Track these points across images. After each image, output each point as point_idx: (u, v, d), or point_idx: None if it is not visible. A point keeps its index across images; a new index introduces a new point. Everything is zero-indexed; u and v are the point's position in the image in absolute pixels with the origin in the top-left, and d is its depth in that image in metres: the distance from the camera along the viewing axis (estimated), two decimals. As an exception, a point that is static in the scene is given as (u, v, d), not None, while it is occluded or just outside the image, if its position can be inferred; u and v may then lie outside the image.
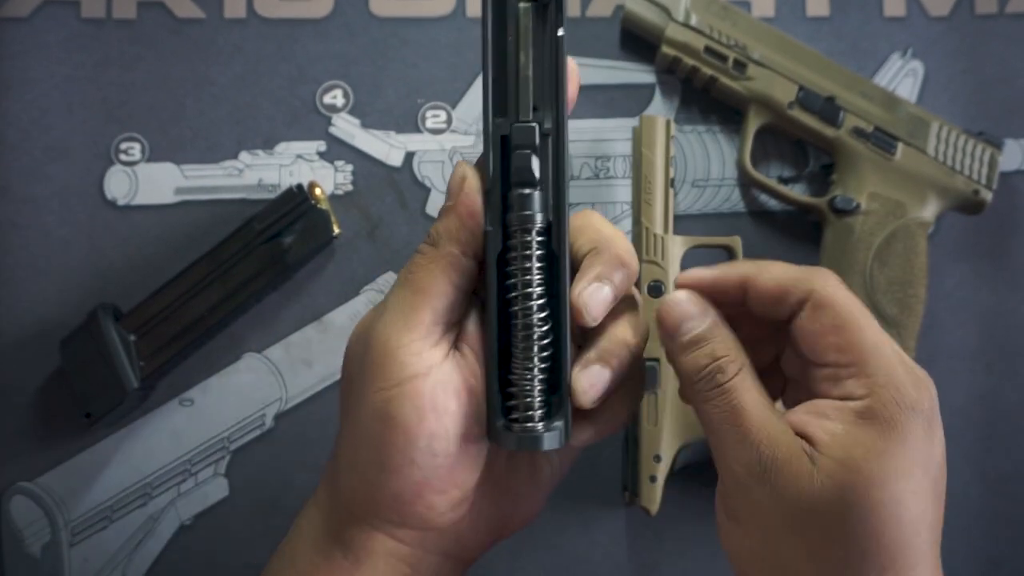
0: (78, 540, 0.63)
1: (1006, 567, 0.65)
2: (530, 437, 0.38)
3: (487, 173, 0.38)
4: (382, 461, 0.38)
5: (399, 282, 0.39)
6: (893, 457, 0.36)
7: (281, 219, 0.62)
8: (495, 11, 0.38)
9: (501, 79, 0.38)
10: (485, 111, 0.38)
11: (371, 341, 0.39)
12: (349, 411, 0.41)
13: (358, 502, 0.40)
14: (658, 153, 0.63)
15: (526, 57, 0.38)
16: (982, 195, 0.64)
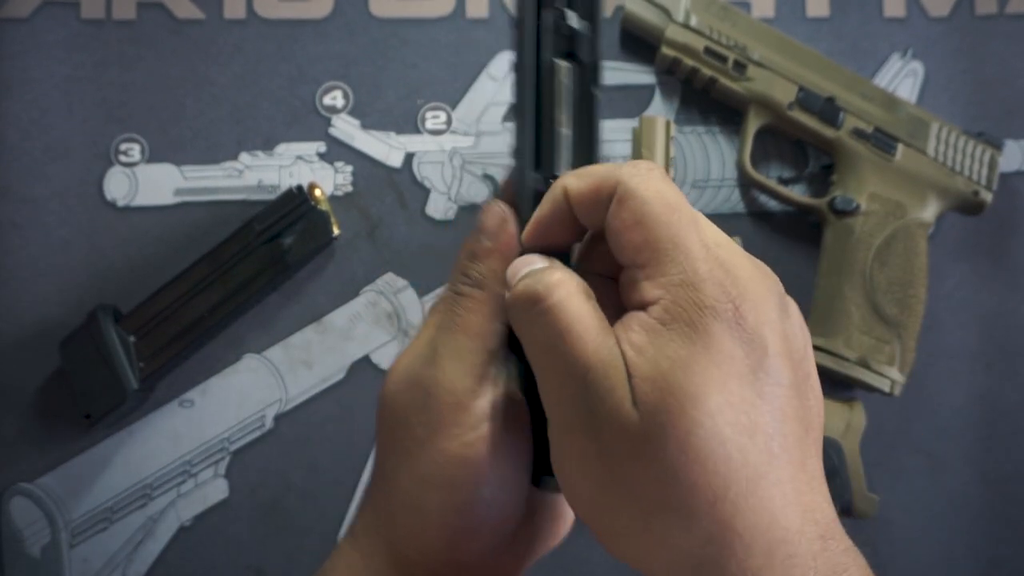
0: (78, 541, 0.63)
1: (1006, 567, 0.65)
2: None
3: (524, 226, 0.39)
4: (454, 503, 0.38)
5: (447, 326, 0.38)
6: (700, 366, 0.31)
7: (281, 220, 0.62)
8: (531, 67, 0.39)
9: (536, 134, 0.39)
10: (520, 166, 0.39)
11: (432, 389, 0.38)
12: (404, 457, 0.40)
13: (418, 545, 0.40)
14: (658, 154, 0.63)
15: (564, 114, 0.39)
16: (982, 196, 0.64)
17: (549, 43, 0.39)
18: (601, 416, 0.32)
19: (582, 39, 0.39)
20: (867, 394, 0.64)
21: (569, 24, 0.39)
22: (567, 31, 0.39)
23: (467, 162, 0.66)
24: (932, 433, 0.66)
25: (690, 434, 0.30)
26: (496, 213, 0.38)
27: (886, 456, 0.66)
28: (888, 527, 0.65)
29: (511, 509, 0.40)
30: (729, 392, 0.31)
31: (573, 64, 0.39)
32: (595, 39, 0.39)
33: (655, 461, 0.31)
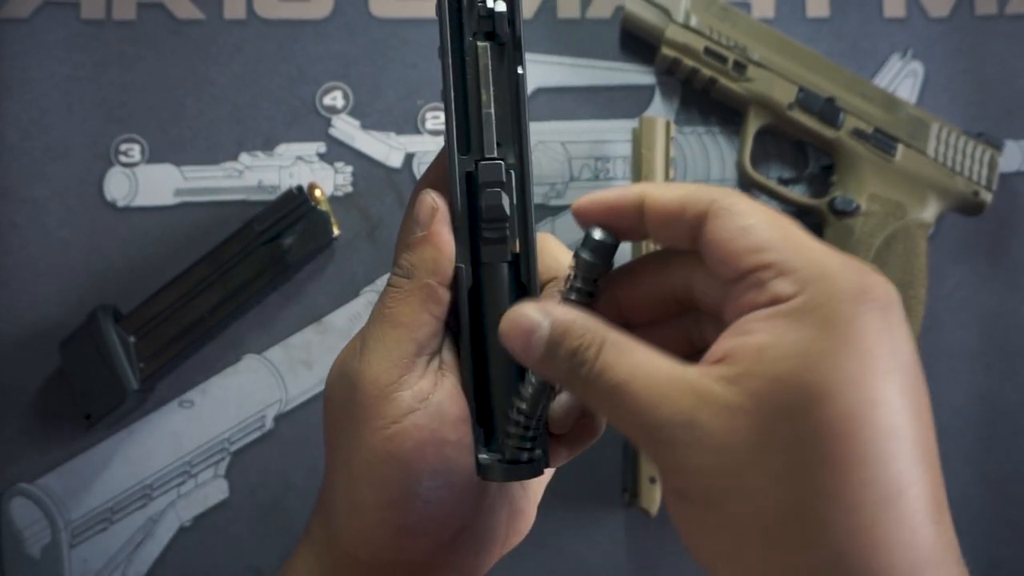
0: (78, 541, 0.63)
1: (1006, 568, 0.65)
2: (514, 468, 0.39)
3: (455, 210, 0.39)
4: (388, 500, 0.38)
5: (376, 318, 0.39)
6: (840, 359, 0.29)
7: (281, 220, 0.62)
8: (454, 50, 0.39)
9: (463, 117, 0.39)
10: (450, 149, 0.39)
11: (358, 382, 0.38)
12: (340, 453, 0.39)
13: (362, 544, 0.39)
14: (658, 154, 0.63)
15: (487, 95, 0.39)
16: (982, 196, 0.64)
17: (469, 25, 0.39)
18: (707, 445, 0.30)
19: (501, 19, 0.39)
20: (867, 394, 0.64)
21: (487, 5, 0.39)
22: (486, 12, 0.39)
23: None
24: (932, 433, 0.66)
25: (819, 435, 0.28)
26: (427, 202, 0.38)
27: (886, 456, 0.66)
28: (888, 527, 0.65)
29: (454, 505, 0.39)
30: (875, 389, 0.29)
31: (494, 44, 0.39)
32: (515, 18, 0.39)
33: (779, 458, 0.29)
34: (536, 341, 0.34)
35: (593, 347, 0.33)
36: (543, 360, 0.34)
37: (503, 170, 0.39)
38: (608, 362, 0.33)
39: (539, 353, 0.34)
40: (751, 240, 0.32)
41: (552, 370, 0.34)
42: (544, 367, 0.35)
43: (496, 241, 0.39)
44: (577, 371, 0.33)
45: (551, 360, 0.34)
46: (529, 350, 0.35)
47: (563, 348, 0.34)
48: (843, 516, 0.28)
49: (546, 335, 0.34)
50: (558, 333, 0.34)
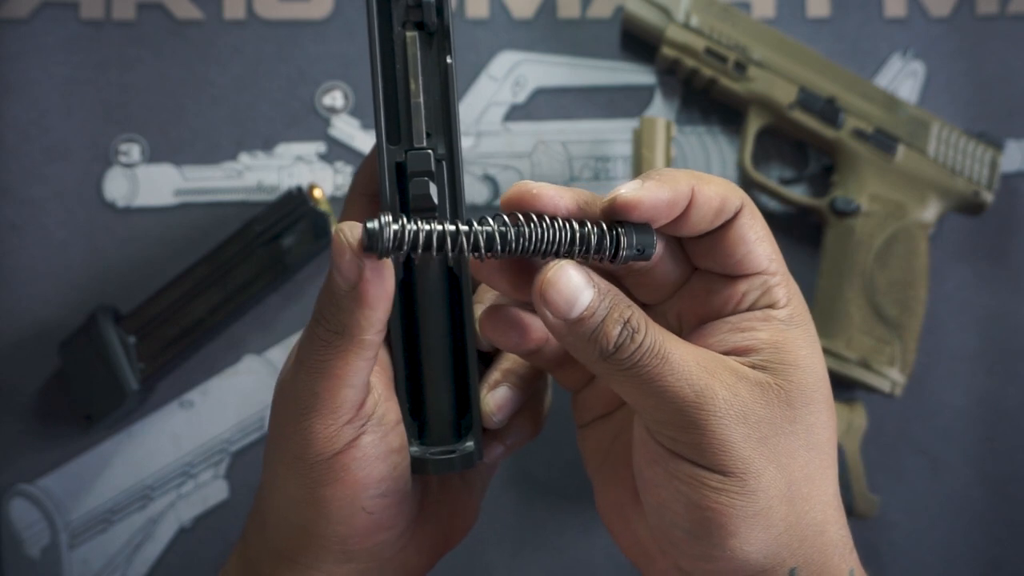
0: (77, 542, 0.63)
1: (1006, 568, 0.65)
2: (445, 460, 0.40)
3: (384, 200, 0.39)
4: (331, 515, 0.38)
5: (307, 369, 0.36)
6: (816, 352, 0.37)
7: (281, 221, 0.62)
8: (382, 40, 0.39)
9: (392, 107, 0.39)
10: (378, 139, 0.39)
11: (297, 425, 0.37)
12: (280, 467, 0.39)
13: (298, 548, 0.39)
14: (658, 154, 0.63)
15: (416, 85, 0.39)
16: (983, 196, 0.64)
17: (397, 14, 0.39)
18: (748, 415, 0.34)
19: (429, 8, 0.39)
20: (868, 395, 0.64)
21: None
22: (414, 1, 0.39)
23: (467, 162, 0.66)
24: (933, 434, 0.66)
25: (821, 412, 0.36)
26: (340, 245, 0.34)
27: (887, 457, 0.66)
28: (889, 528, 0.65)
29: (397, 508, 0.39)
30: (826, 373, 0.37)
31: (423, 34, 0.39)
32: (443, 8, 0.39)
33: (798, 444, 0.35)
34: (580, 303, 0.34)
35: (643, 318, 0.34)
36: (581, 323, 0.34)
37: (431, 159, 0.38)
38: (658, 331, 0.34)
39: (581, 314, 0.34)
40: (768, 246, 0.37)
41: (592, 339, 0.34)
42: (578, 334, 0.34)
43: None
44: (630, 338, 0.34)
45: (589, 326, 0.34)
46: (572, 310, 0.34)
47: (614, 315, 0.34)
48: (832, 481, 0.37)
49: (592, 298, 0.34)
50: (608, 301, 0.34)
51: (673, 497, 0.35)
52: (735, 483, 0.34)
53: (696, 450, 0.34)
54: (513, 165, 0.66)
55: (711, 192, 0.35)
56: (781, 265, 0.37)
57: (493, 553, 0.64)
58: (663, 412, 0.34)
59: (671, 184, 0.35)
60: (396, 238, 0.32)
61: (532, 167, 0.66)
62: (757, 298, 0.36)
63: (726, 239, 0.36)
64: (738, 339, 0.36)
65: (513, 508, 0.64)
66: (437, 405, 0.40)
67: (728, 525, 0.34)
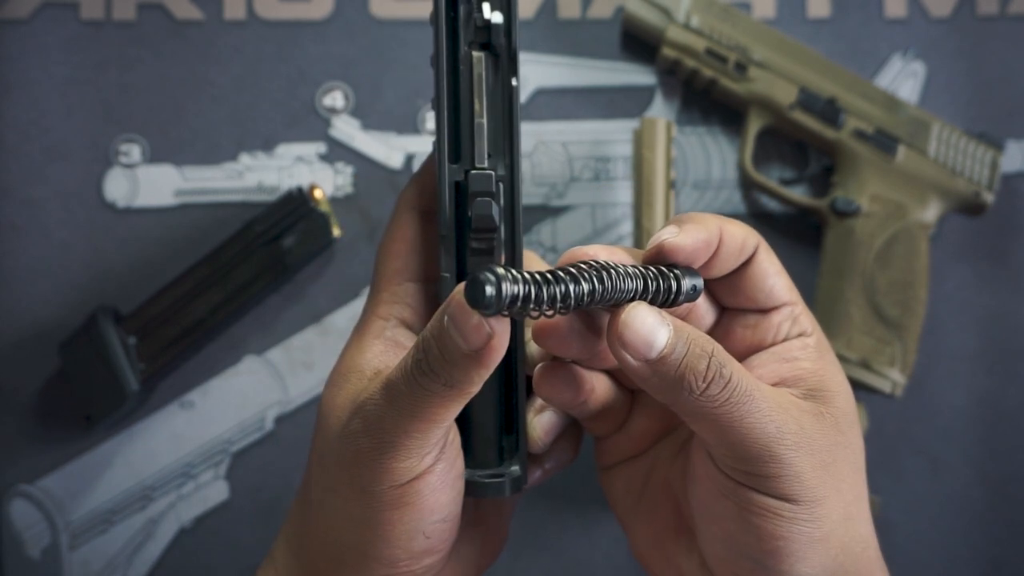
0: (78, 543, 0.63)
1: (1007, 569, 0.65)
2: (496, 484, 0.39)
3: (442, 218, 0.39)
4: (392, 538, 0.37)
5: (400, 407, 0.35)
6: (844, 377, 0.39)
7: (281, 221, 0.62)
8: (449, 59, 0.39)
9: (454, 126, 0.39)
10: (439, 157, 0.38)
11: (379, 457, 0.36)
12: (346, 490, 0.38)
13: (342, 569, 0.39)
14: (659, 155, 0.63)
15: (480, 105, 0.39)
16: (983, 197, 0.64)
17: (465, 34, 0.39)
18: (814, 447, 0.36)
19: (498, 30, 0.39)
20: (868, 395, 0.64)
21: (484, 16, 0.39)
22: (482, 23, 0.39)
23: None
24: (933, 434, 0.66)
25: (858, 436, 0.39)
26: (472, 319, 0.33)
27: (887, 457, 0.66)
28: (889, 528, 0.65)
29: (450, 533, 0.39)
30: None
31: (489, 55, 0.39)
32: (510, 30, 0.39)
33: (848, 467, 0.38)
34: (659, 342, 0.34)
35: (726, 354, 0.35)
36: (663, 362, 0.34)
37: (493, 180, 0.38)
38: (740, 369, 0.35)
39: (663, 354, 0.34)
40: (786, 278, 0.39)
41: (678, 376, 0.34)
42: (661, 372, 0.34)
43: (484, 252, 0.39)
44: (719, 375, 0.34)
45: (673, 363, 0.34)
46: (651, 350, 0.34)
47: (695, 350, 0.34)
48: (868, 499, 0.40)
49: (671, 338, 0.34)
50: (686, 336, 0.34)
51: (742, 528, 0.36)
52: (804, 511, 0.36)
53: (770, 482, 0.35)
54: (513, 165, 0.66)
55: (735, 231, 0.37)
56: (798, 294, 0.40)
57: (493, 553, 0.64)
58: (744, 448, 0.35)
59: (704, 226, 0.36)
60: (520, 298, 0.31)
61: (532, 167, 0.66)
62: (790, 328, 0.39)
63: (751, 276, 0.39)
64: (786, 369, 0.38)
65: (513, 508, 0.64)
66: (484, 428, 0.40)
67: (798, 552, 0.36)
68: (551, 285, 0.32)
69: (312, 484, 0.40)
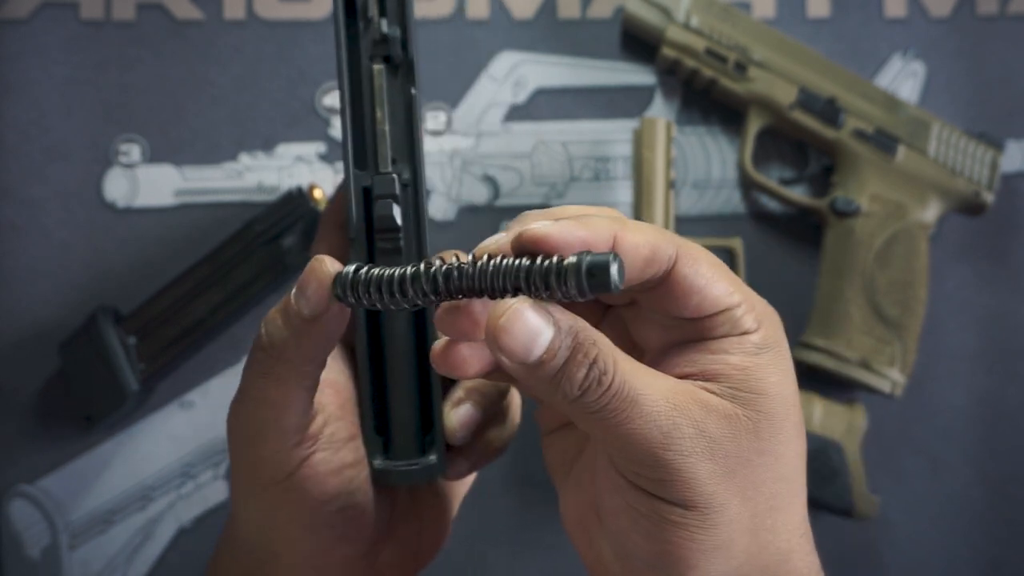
0: (77, 543, 0.63)
1: (1007, 569, 0.65)
2: (407, 472, 0.41)
3: (351, 222, 0.41)
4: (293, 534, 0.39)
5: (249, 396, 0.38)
6: (788, 376, 0.36)
7: (281, 221, 0.62)
8: (351, 71, 0.42)
9: (360, 135, 0.42)
10: (345, 164, 0.41)
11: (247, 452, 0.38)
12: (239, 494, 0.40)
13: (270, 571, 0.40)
14: (659, 155, 0.63)
15: (382, 113, 0.41)
16: (983, 197, 0.64)
17: (365, 47, 0.42)
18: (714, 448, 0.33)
19: (395, 42, 0.42)
20: (868, 395, 0.64)
21: (381, 30, 0.41)
22: (380, 36, 0.41)
23: (467, 163, 0.66)
24: (933, 434, 0.66)
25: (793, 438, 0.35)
26: (316, 275, 0.35)
27: (887, 457, 0.66)
28: (889, 528, 0.65)
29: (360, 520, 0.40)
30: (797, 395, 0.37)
31: (388, 66, 0.42)
32: (407, 42, 0.42)
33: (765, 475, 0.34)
34: (539, 347, 0.31)
35: (610, 357, 0.32)
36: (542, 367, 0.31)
37: (396, 183, 0.41)
38: (627, 371, 0.32)
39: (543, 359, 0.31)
40: (722, 284, 0.35)
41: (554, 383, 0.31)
42: (539, 378, 0.32)
43: (390, 252, 0.41)
44: (597, 383, 0.31)
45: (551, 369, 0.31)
46: (530, 355, 0.31)
47: (577, 356, 0.31)
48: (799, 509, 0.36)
49: (553, 341, 0.31)
50: (571, 340, 0.31)
51: (633, 527, 0.34)
52: (697, 517, 0.33)
53: (659, 485, 0.33)
54: (513, 165, 0.66)
55: (638, 240, 0.33)
56: (745, 294, 0.35)
57: (493, 553, 0.64)
58: (628, 451, 0.33)
59: (588, 226, 0.32)
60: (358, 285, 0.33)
61: (532, 167, 0.66)
62: (729, 329, 0.35)
63: (674, 291, 0.34)
64: (708, 361, 0.34)
65: (513, 508, 0.64)
66: (401, 421, 0.42)
67: (689, 559, 0.33)
68: (392, 287, 0.33)
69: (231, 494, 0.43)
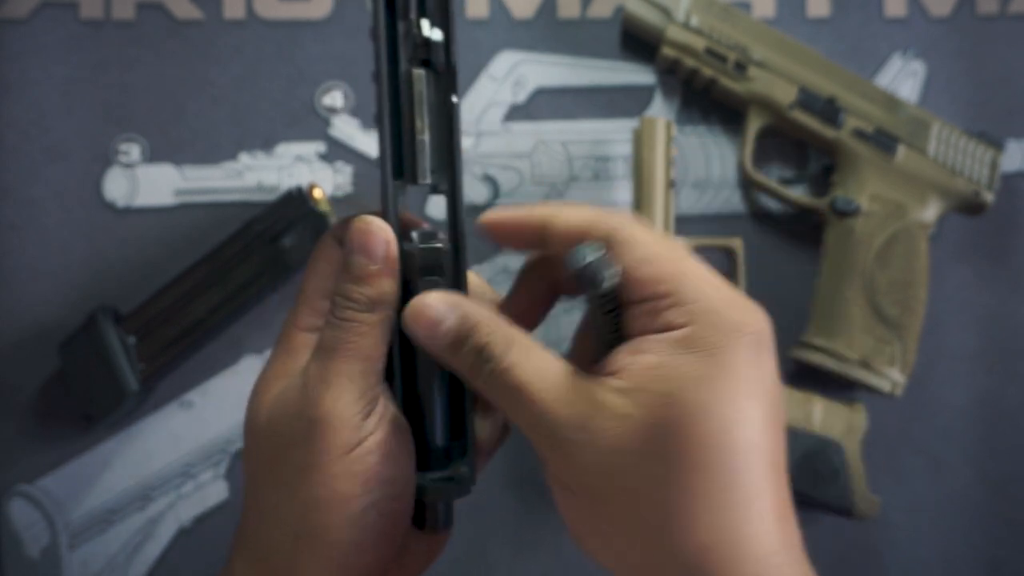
0: (77, 543, 0.63)
1: (1007, 569, 0.65)
2: (444, 487, 0.40)
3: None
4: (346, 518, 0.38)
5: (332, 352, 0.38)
6: (715, 384, 0.33)
7: (281, 221, 0.62)
8: (390, 76, 0.40)
9: (397, 143, 0.40)
10: (384, 174, 0.39)
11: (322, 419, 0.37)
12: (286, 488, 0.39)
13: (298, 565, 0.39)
14: (658, 155, 0.63)
15: (422, 122, 0.40)
16: (983, 196, 0.64)
17: (405, 51, 0.40)
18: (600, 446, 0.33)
19: (437, 47, 0.40)
20: (868, 395, 0.64)
21: (423, 34, 0.40)
22: (421, 40, 0.40)
23: (467, 162, 0.66)
24: (933, 434, 0.66)
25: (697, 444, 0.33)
26: (379, 235, 0.38)
27: (887, 457, 0.66)
28: (889, 528, 0.65)
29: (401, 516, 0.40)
30: (743, 409, 0.33)
31: (429, 72, 0.40)
32: (450, 47, 0.40)
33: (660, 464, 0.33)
34: (442, 333, 0.36)
35: (500, 345, 0.35)
36: (447, 351, 0.37)
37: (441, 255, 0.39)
38: (513, 361, 0.35)
39: (444, 344, 0.37)
40: (651, 270, 0.35)
41: (455, 362, 0.37)
42: (447, 358, 0.37)
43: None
44: (482, 366, 0.35)
45: (456, 352, 0.36)
46: (434, 340, 0.37)
47: (471, 343, 0.36)
48: (709, 514, 0.33)
49: (453, 328, 0.36)
50: (467, 328, 0.36)
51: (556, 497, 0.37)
52: (584, 502, 0.35)
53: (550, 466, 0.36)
54: (513, 165, 0.66)
55: (571, 216, 0.36)
56: (682, 285, 0.34)
57: (493, 553, 0.64)
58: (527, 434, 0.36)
59: (523, 209, 0.37)
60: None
61: (532, 167, 0.66)
62: (649, 323, 0.35)
63: None
64: (622, 354, 0.35)
65: (513, 508, 0.64)
66: (432, 433, 0.41)
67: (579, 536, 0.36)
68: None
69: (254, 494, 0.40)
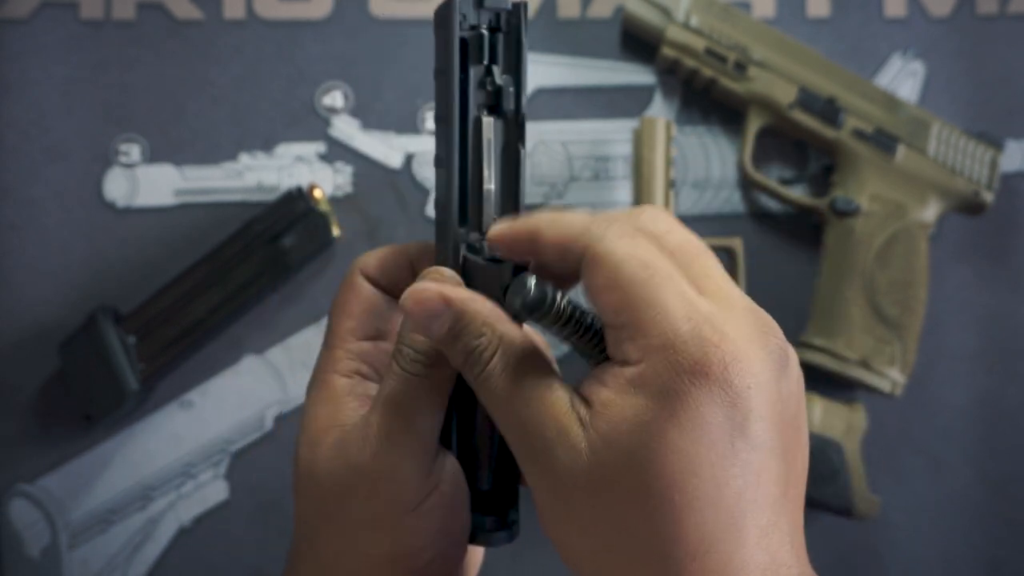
0: (77, 543, 0.63)
1: (1007, 569, 0.65)
2: (499, 536, 0.40)
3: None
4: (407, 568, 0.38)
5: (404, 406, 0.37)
6: (665, 431, 0.30)
7: (281, 221, 0.62)
8: (459, 122, 0.39)
9: (463, 189, 0.39)
10: (448, 220, 0.38)
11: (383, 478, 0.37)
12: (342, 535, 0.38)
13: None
14: (659, 155, 0.63)
15: (489, 171, 0.39)
16: (983, 196, 0.64)
17: (476, 97, 0.39)
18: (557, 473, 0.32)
19: (507, 94, 0.39)
20: (868, 395, 0.64)
21: (495, 80, 0.39)
22: (492, 86, 0.39)
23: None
24: (933, 434, 0.66)
25: (641, 493, 0.30)
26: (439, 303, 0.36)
27: (887, 457, 0.66)
28: (889, 528, 0.65)
29: (461, 552, 0.39)
30: (691, 459, 0.30)
31: (498, 119, 0.39)
32: (519, 95, 0.39)
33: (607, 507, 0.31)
34: (438, 326, 0.35)
35: (488, 350, 0.34)
36: (442, 343, 0.36)
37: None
38: (493, 372, 0.34)
39: (439, 336, 0.35)
40: (613, 297, 0.32)
41: (449, 353, 0.36)
42: (443, 347, 0.36)
43: None
44: (470, 368, 0.35)
45: (449, 346, 0.35)
46: (430, 332, 0.36)
47: (461, 342, 0.35)
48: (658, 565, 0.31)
49: (447, 323, 0.35)
50: (459, 326, 0.35)
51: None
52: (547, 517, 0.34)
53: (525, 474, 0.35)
54: (513, 165, 0.66)
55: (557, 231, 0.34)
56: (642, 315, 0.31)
57: (493, 553, 0.64)
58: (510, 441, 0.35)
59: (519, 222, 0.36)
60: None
61: (532, 167, 0.66)
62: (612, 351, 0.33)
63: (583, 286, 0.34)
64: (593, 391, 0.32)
65: (513, 508, 0.64)
66: (481, 476, 0.40)
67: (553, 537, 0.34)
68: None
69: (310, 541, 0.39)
